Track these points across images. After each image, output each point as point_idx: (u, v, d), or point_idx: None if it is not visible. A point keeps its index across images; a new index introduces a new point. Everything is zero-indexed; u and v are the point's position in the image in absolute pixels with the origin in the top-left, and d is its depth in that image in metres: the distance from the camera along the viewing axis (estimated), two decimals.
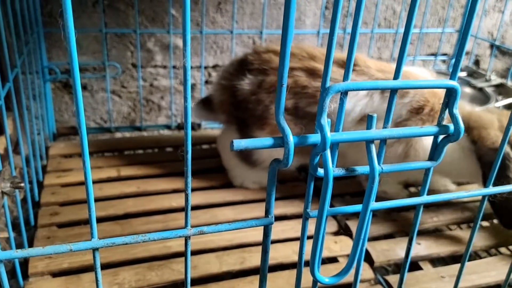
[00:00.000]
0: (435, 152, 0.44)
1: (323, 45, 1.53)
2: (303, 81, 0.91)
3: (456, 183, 1.05)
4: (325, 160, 0.39)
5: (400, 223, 0.91)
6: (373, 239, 0.88)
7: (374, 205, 0.45)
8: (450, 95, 0.41)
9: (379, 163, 0.43)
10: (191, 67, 1.45)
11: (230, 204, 0.93)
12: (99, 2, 1.19)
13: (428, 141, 0.88)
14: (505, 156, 0.81)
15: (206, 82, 1.48)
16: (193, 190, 0.97)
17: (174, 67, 1.43)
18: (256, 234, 0.85)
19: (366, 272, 0.79)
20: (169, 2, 1.22)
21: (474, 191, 0.49)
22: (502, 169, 0.81)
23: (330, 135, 0.37)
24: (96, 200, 0.92)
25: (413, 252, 0.83)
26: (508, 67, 1.77)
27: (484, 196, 0.50)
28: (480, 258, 0.88)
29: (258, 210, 0.92)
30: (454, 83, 0.40)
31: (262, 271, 0.47)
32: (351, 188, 1.03)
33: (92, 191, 0.37)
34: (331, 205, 0.98)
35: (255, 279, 0.75)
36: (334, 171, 0.41)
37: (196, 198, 0.94)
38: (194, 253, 0.79)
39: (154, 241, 0.41)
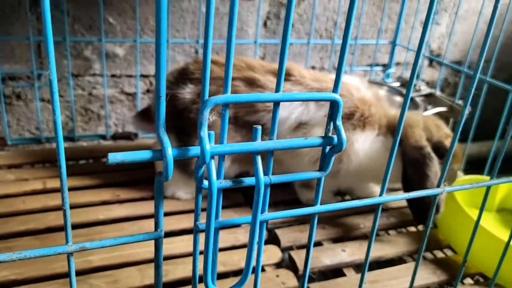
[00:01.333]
0: (323, 162, 0.45)
1: (266, 55, 1.55)
2: (242, 91, 0.92)
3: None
4: (208, 172, 0.39)
5: (329, 231, 0.93)
6: (302, 247, 0.89)
7: (265, 215, 0.45)
8: (333, 108, 0.42)
9: (268, 174, 0.44)
10: (132, 76, 1.42)
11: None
12: (32, 9, 1.15)
13: (360, 147, 0.90)
14: (425, 155, 0.84)
15: (148, 91, 1.46)
16: (122, 201, 0.95)
17: (114, 75, 1.41)
18: (183, 246, 0.84)
19: (290, 281, 0.80)
20: (100, 9, 1.19)
21: (368, 200, 0.50)
22: (422, 168, 0.84)
23: (209, 148, 0.37)
24: (18, 214, 0.88)
25: (337, 259, 0.85)
26: (445, 77, 1.85)
27: (378, 204, 0.52)
28: (405, 263, 0.91)
29: (186, 221, 0.91)
30: (335, 96, 0.42)
31: (156, 286, 0.46)
32: (288, 196, 1.04)
33: None
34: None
35: None
36: (221, 182, 0.41)
37: (125, 210, 0.92)
38: (116, 267, 0.78)
39: (32, 258, 0.39)
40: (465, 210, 0.86)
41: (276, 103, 0.41)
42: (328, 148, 0.44)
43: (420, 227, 1.00)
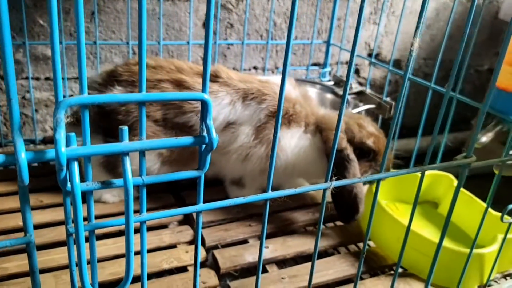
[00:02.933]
0: (200, 161, 0.45)
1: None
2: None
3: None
4: (70, 174, 0.39)
5: (255, 228, 0.94)
6: (227, 245, 0.89)
7: (141, 216, 0.45)
8: (203, 107, 0.43)
9: (141, 174, 0.44)
10: (68, 79, 1.40)
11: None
12: None
13: (286, 144, 0.91)
14: (344, 158, 0.87)
15: None
16: (44, 207, 0.93)
17: (48, 78, 1.38)
18: (103, 250, 0.83)
19: (211, 279, 0.80)
20: (23, 11, 1.16)
21: (256, 196, 0.51)
22: (341, 169, 0.86)
23: (65, 150, 0.37)
24: None
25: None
26: (385, 75, 1.91)
27: (267, 200, 0.53)
28: (328, 256, 0.93)
29: None
30: (204, 96, 0.42)
31: None
32: (218, 195, 1.04)
33: None
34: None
35: None
36: (88, 185, 0.41)
37: (47, 216, 0.90)
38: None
39: None
40: (381, 203, 0.89)
41: (142, 103, 0.41)
42: (203, 147, 0.45)
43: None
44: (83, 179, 0.41)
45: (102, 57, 1.41)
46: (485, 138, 0.90)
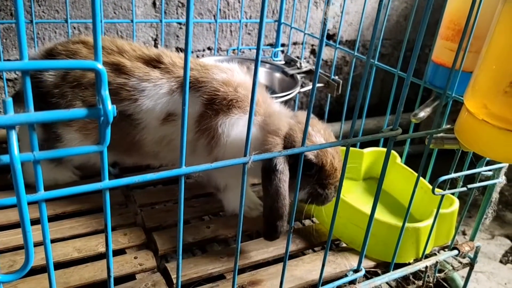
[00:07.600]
0: (100, 136, 0.43)
1: (158, 36, 1.51)
2: (107, 77, 0.87)
3: None
4: None
5: (197, 209, 0.93)
6: (168, 227, 0.88)
7: (37, 195, 0.43)
8: (97, 78, 0.41)
9: (32, 150, 0.42)
10: (11, 61, 1.34)
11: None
12: None
13: (225, 131, 0.82)
14: (270, 167, 0.73)
15: None
16: None
17: None
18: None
19: (149, 261, 0.78)
20: None
21: (170, 172, 0.50)
22: (265, 179, 0.74)
23: None
24: None
25: (200, 236, 0.85)
26: (343, 55, 1.91)
27: (181, 175, 0.51)
28: None
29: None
30: (97, 65, 0.40)
31: None
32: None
33: None
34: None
35: (21, 282, 0.71)
36: None
37: None
38: None
39: None
40: None
41: (25, 72, 0.39)
42: (101, 120, 0.43)
43: None
44: None
45: (46, 38, 1.35)
46: (423, 113, 0.90)
